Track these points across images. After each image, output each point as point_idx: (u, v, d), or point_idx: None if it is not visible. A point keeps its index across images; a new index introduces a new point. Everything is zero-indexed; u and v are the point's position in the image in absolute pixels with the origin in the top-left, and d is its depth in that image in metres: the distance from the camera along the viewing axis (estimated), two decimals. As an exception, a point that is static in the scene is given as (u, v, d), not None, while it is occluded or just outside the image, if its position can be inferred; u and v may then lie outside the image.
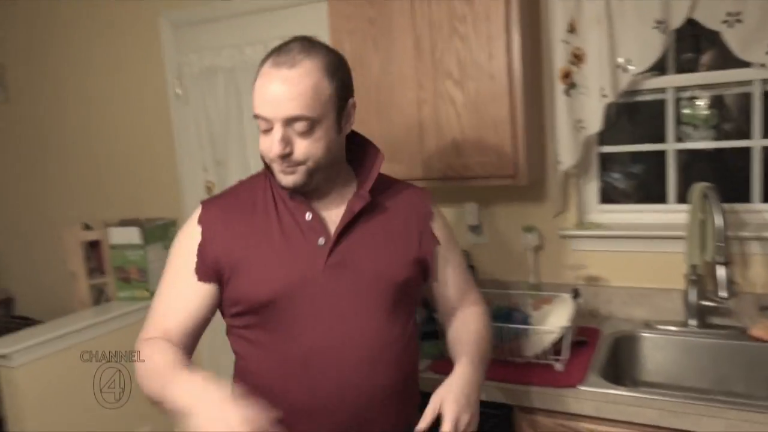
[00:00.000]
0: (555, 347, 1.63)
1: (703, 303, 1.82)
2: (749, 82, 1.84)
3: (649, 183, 2.07)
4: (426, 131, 1.86)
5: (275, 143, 1.10)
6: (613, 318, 1.98)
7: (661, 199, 2.00)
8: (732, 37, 1.72)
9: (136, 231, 2.64)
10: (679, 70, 1.93)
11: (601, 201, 2.07)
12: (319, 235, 1.18)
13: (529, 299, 1.87)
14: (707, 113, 1.95)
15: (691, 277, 1.83)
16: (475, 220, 2.13)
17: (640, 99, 1.98)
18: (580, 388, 1.52)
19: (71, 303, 2.92)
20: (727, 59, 1.80)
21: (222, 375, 1.09)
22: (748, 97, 1.86)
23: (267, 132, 1.12)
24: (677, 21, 1.76)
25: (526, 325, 1.69)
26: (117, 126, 2.94)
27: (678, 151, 1.97)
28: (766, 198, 1.86)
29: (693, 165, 2.00)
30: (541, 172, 2.00)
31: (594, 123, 1.90)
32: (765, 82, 1.82)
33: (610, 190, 2.10)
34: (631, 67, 1.84)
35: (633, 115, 2.04)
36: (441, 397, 1.14)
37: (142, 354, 1.14)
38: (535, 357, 1.64)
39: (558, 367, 1.61)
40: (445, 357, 1.73)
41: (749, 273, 1.82)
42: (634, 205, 2.06)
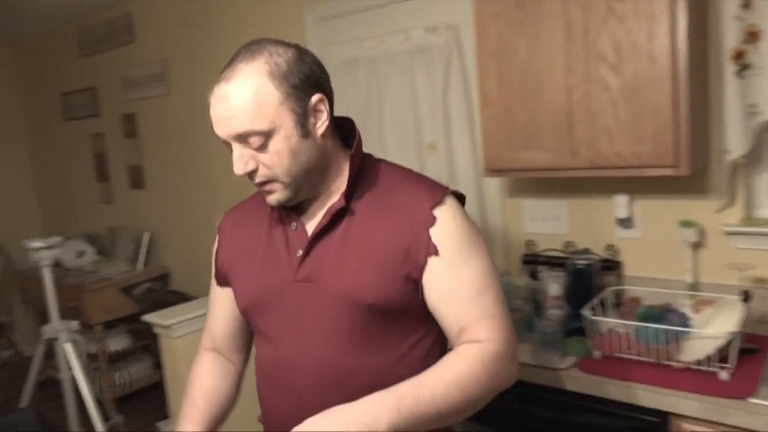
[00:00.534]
0: (720, 354, 1.49)
1: None
2: None
3: (834, 175, 1.83)
4: (575, 118, 1.77)
5: (235, 163, 1.02)
6: (785, 325, 1.78)
7: None
8: None
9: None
10: None
11: (774, 194, 1.86)
12: (299, 246, 1.09)
13: (687, 300, 1.73)
14: None
15: None
16: (625, 213, 2.00)
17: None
18: (751, 400, 1.38)
19: (221, 281, 3.15)
20: None
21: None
22: None
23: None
24: None
25: (687, 328, 1.56)
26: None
27: None
28: None
29: None
30: (703, 161, 1.83)
31: (770, 107, 1.70)
32: None
33: (786, 183, 1.88)
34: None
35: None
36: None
37: (192, 369, 1.26)
38: (697, 363, 1.51)
39: (723, 376, 1.47)
40: (593, 355, 1.67)
41: None
42: (814, 200, 1.83)
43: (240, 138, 1.00)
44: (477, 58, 1.95)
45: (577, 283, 1.95)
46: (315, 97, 1.02)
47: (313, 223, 1.10)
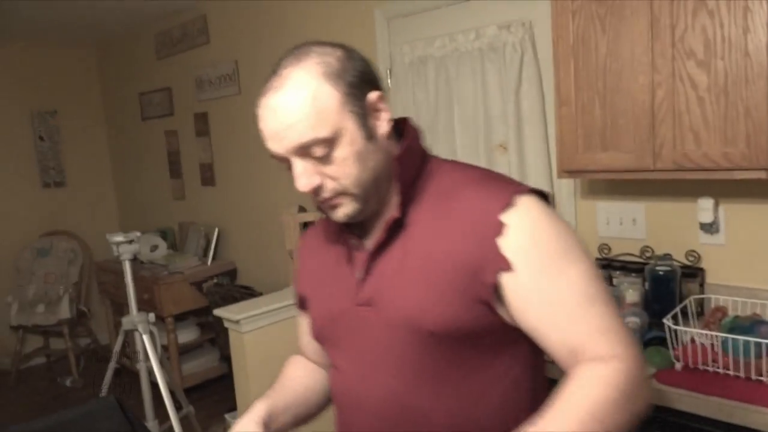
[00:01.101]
0: (818, 371, 1.39)
1: None
2: None
3: None
4: (659, 118, 1.69)
5: (298, 179, 0.91)
6: None
7: None
8: None
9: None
10: None
11: None
12: (360, 267, 0.99)
13: (779, 312, 1.62)
14: None
15: None
16: (710, 218, 1.90)
17: None
18: None
19: (287, 278, 3.21)
20: None
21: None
22: None
23: (290, 169, 0.93)
24: None
25: (780, 342, 1.46)
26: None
27: None
28: None
29: None
30: (799, 165, 1.71)
31: None
32: None
33: None
34: None
35: None
36: None
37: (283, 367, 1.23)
38: (791, 379, 1.41)
39: (821, 394, 1.37)
40: (674, 366, 1.58)
41: None
42: None
43: (300, 150, 0.89)
44: (553, 56, 1.89)
45: (657, 289, 1.86)
46: (373, 95, 0.92)
47: (373, 240, 0.98)
